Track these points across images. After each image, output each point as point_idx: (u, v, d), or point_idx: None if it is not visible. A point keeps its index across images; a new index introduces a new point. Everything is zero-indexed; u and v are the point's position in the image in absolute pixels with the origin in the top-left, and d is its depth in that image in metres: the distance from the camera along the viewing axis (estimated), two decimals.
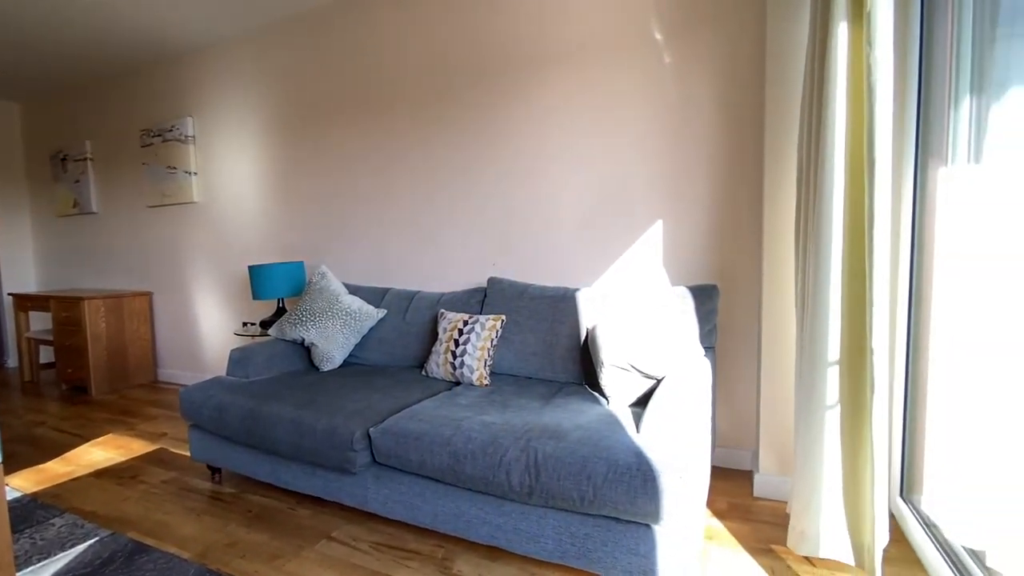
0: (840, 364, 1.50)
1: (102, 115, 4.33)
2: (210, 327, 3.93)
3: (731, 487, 2.14)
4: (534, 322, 2.31)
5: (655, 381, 1.87)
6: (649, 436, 1.51)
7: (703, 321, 2.05)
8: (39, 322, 4.62)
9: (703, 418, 1.63)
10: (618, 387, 1.90)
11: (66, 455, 2.71)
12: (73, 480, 2.40)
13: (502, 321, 2.30)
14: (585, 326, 2.21)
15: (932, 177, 1.61)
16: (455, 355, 2.24)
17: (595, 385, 2.08)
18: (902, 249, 1.76)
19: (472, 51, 2.71)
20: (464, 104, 2.76)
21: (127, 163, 4.21)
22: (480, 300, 2.53)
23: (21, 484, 2.36)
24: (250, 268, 3.00)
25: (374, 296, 2.80)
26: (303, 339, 2.56)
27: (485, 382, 2.19)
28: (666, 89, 2.30)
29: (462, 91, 2.76)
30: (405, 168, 2.98)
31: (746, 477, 2.21)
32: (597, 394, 2.01)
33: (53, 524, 2.01)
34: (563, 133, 2.53)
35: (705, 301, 2.08)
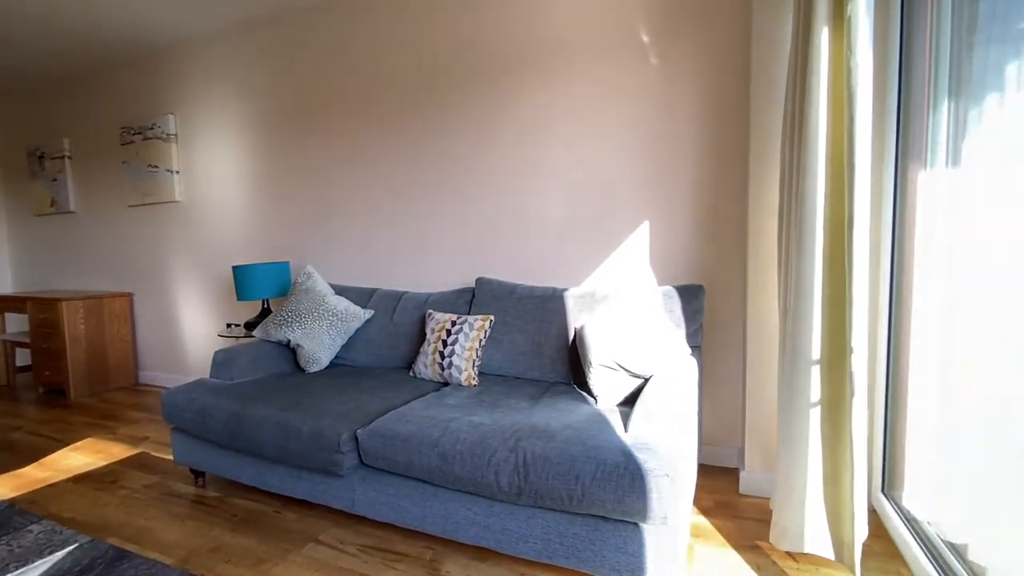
0: (821, 362, 1.52)
1: (80, 111, 4.23)
2: (193, 329, 3.87)
3: (717, 484, 2.16)
4: (523, 322, 2.32)
5: (642, 380, 1.89)
6: (637, 435, 1.52)
7: (689, 320, 2.07)
8: (15, 324, 4.52)
9: (690, 417, 1.65)
10: (606, 386, 1.91)
11: (44, 460, 2.64)
12: (51, 486, 2.34)
13: (490, 321, 2.30)
14: (573, 326, 2.21)
15: (912, 179, 1.65)
16: (443, 356, 2.23)
17: (583, 385, 2.09)
18: (883, 249, 1.79)
19: (459, 51, 2.71)
20: (451, 104, 2.76)
21: (107, 161, 4.12)
22: (468, 300, 2.52)
23: None
24: (234, 268, 2.96)
25: (361, 297, 2.78)
26: (289, 340, 2.54)
27: (474, 382, 2.18)
28: (652, 90, 2.32)
29: (449, 91, 2.75)
30: (392, 168, 2.97)
31: (732, 474, 2.23)
32: (585, 394, 2.01)
33: (31, 531, 1.96)
34: (550, 134, 2.54)
35: (691, 301, 2.10)
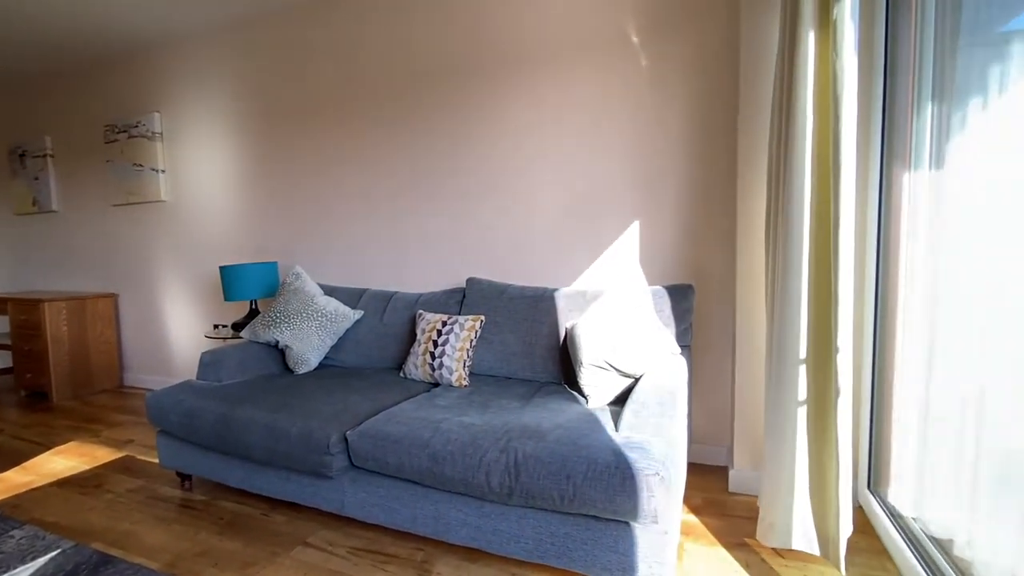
0: (807, 362, 1.54)
1: (63, 109, 4.15)
2: (179, 330, 3.81)
3: (706, 483, 2.18)
4: (514, 322, 2.31)
5: (633, 379, 1.89)
6: (627, 435, 1.53)
7: (679, 320, 2.08)
8: None
9: (680, 416, 1.66)
10: (597, 386, 1.91)
11: (26, 464, 2.59)
12: (34, 490, 2.30)
13: (481, 321, 2.29)
14: (564, 326, 2.22)
15: (897, 180, 1.67)
16: (434, 356, 2.23)
17: (574, 384, 2.09)
18: (868, 250, 1.82)
19: (448, 52, 2.70)
20: (441, 104, 2.75)
21: (90, 160, 4.05)
22: (459, 300, 2.52)
23: None
24: (221, 269, 2.92)
25: (350, 297, 2.76)
26: (277, 341, 2.51)
27: (464, 383, 2.18)
28: (642, 91, 2.33)
29: (439, 91, 2.74)
30: (382, 167, 2.95)
31: (721, 473, 2.25)
32: (576, 393, 2.02)
33: (12, 536, 1.92)
34: (541, 134, 2.54)
35: (681, 300, 2.11)
